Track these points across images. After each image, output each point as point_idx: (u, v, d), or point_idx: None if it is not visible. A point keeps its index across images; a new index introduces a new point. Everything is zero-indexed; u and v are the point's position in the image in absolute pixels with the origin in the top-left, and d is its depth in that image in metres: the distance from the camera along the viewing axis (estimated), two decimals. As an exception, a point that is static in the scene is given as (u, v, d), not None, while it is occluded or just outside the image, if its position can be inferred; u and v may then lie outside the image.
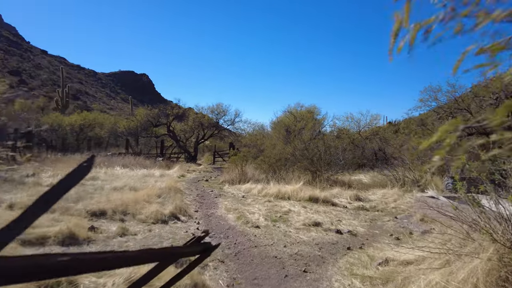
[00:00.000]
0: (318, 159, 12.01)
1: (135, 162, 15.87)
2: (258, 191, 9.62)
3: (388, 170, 12.39)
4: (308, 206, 8.04)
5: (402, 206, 8.52)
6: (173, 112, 22.11)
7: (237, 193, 9.86)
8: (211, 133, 24.47)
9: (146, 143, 23.48)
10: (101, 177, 10.90)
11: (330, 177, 12.34)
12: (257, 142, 14.50)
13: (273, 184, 10.20)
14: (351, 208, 8.26)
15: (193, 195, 9.53)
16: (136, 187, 9.19)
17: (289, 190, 9.15)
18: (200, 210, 7.54)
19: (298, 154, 12.44)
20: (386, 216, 7.51)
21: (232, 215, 6.95)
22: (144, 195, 7.69)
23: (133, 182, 9.97)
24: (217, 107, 23.56)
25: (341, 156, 13.18)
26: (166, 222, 6.22)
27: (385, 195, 9.71)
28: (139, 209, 6.61)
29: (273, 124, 24.39)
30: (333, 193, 9.36)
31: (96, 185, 9.43)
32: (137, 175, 12.21)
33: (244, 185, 10.61)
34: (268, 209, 7.42)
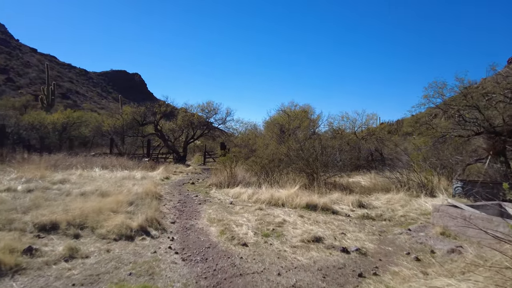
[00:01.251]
0: (314, 160, 10.85)
1: (118, 163, 14.55)
2: (248, 197, 8.42)
3: (391, 172, 11.32)
4: (306, 215, 6.86)
5: (411, 214, 7.39)
6: (161, 110, 20.77)
7: (224, 199, 8.64)
8: (201, 132, 23.17)
9: (133, 142, 22.11)
10: (73, 180, 9.60)
11: (327, 179, 11.24)
12: (248, 141, 13.31)
13: (265, 188, 9.01)
14: (354, 217, 7.10)
15: (174, 201, 8.28)
16: (108, 192, 7.92)
17: (283, 195, 7.97)
18: (179, 221, 6.30)
19: (293, 154, 11.27)
20: (396, 227, 6.37)
21: (216, 227, 5.72)
22: (113, 203, 6.44)
23: (106, 186, 8.70)
24: (207, 105, 22.30)
25: (338, 157, 12.07)
26: (132, 238, 4.98)
27: (390, 201, 8.57)
28: (102, 220, 5.36)
29: (266, 124, 23.25)
30: (332, 198, 8.19)
31: (63, 189, 8.15)
32: (116, 177, 10.93)
33: (233, 189, 9.39)
34: (259, 220, 6.21)
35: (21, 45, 75.71)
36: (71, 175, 10.57)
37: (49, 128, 21.28)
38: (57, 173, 10.48)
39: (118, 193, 7.87)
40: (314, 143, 11.54)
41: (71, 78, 71.51)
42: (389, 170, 16.12)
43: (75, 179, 9.72)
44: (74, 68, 78.49)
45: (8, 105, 26.88)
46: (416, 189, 9.54)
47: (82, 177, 10.60)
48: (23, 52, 71.50)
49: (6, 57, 63.16)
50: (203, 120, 22.72)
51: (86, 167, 12.51)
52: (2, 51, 65.03)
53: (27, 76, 59.76)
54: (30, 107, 31.02)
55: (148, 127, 22.76)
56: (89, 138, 23.50)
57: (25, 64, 64.94)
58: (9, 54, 65.65)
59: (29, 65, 65.30)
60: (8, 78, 54.81)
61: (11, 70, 59.04)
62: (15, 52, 68.64)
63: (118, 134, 21.14)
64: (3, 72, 55.71)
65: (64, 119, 21.70)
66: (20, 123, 20.40)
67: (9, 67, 59.42)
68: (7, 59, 62.41)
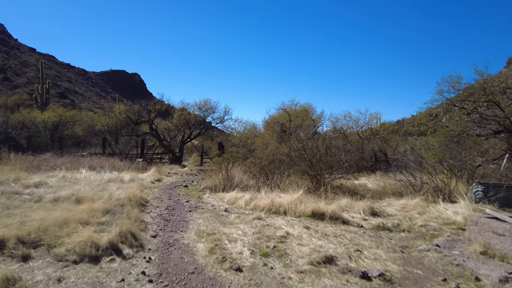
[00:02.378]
0: (318, 161, 9.82)
1: (108, 163, 13.49)
2: (246, 203, 7.35)
3: (398, 173, 10.28)
4: (312, 225, 5.81)
5: (432, 223, 6.35)
6: (156, 108, 19.69)
7: (218, 205, 7.58)
8: (198, 132, 22.09)
9: (127, 142, 21.01)
10: (51, 183, 8.54)
11: (332, 182, 10.24)
12: (247, 141, 12.26)
13: (264, 192, 7.95)
14: (368, 227, 6.05)
15: (161, 208, 7.21)
16: (86, 197, 6.86)
17: (285, 201, 6.91)
18: (162, 233, 5.23)
19: (295, 155, 10.22)
20: (419, 240, 5.33)
21: (205, 244, 4.65)
22: (85, 212, 5.39)
23: (86, 190, 7.65)
24: (205, 103, 21.18)
25: (344, 158, 11.04)
26: (97, 259, 3.92)
27: (405, 207, 7.51)
28: (64, 236, 4.31)
29: (265, 123, 22.21)
30: (341, 205, 7.13)
31: (35, 194, 7.08)
32: (101, 179, 9.87)
33: (229, 193, 8.32)
34: (257, 233, 5.15)
35: (19, 44, 74.59)
36: (51, 177, 9.51)
37: (40, 127, 20.20)
38: (35, 175, 9.42)
39: (98, 199, 6.82)
40: (318, 142, 10.49)
41: (70, 77, 70.42)
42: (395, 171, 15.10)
43: (53, 182, 8.66)
44: (73, 68, 77.37)
45: (0, 103, 25.78)
46: (432, 193, 8.51)
47: (63, 179, 9.55)
48: (21, 52, 70.43)
49: (4, 56, 62.06)
50: (200, 119, 21.65)
51: (71, 168, 11.45)
52: (0, 50, 64.00)
53: (25, 76, 58.75)
54: (23, 106, 29.93)
55: (144, 126, 21.70)
56: (82, 138, 22.41)
57: (23, 64, 63.91)
58: (7, 53, 64.58)
59: (27, 65, 64.27)
60: (5, 77, 53.75)
61: (8, 69, 57.97)
62: (13, 51, 67.53)
63: (111, 134, 20.07)
64: (1, 71, 54.69)
65: (56, 118, 20.60)
66: (9, 122, 19.32)
67: (6, 66, 58.34)
68: (5, 58, 61.32)
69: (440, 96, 10.30)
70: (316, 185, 9.59)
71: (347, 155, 11.32)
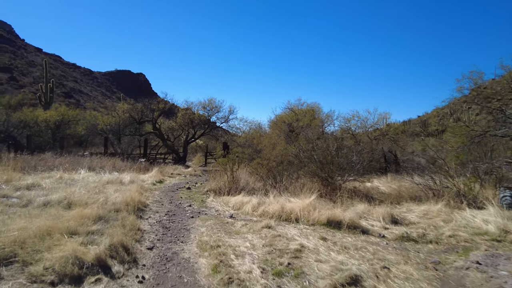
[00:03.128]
0: (329, 163, 9.14)
1: (109, 163, 12.91)
2: (253, 208, 6.68)
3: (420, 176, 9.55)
4: (329, 236, 5.13)
5: (461, 233, 5.62)
6: (159, 107, 19.10)
7: (223, 210, 6.92)
8: (202, 131, 21.46)
9: (130, 142, 20.46)
10: (44, 185, 7.93)
11: (342, 185, 9.57)
12: (253, 141, 11.59)
13: (273, 196, 7.26)
14: (391, 238, 5.36)
15: (160, 213, 6.57)
16: (79, 201, 6.23)
17: (296, 207, 6.23)
18: (159, 245, 4.58)
19: (304, 156, 9.54)
20: (452, 255, 4.63)
21: (207, 259, 3.99)
22: (74, 219, 4.76)
23: (81, 193, 7.03)
24: (209, 102, 20.55)
25: (356, 159, 10.35)
26: (80, 279, 3.28)
27: (427, 214, 6.79)
28: (44, 249, 3.68)
29: (272, 123, 21.52)
30: (358, 211, 6.44)
31: (24, 198, 6.47)
32: (100, 181, 9.26)
33: (235, 197, 7.66)
34: (268, 245, 4.48)
35: (26, 44, 74.73)
36: (47, 179, 8.92)
37: (42, 126, 19.72)
38: (30, 176, 8.83)
39: (92, 203, 6.19)
40: (328, 142, 9.80)
41: (76, 77, 70.31)
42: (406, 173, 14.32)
43: (48, 184, 8.05)
44: (79, 67, 77.31)
45: (3, 102, 25.36)
46: (454, 198, 7.77)
47: (59, 180, 8.94)
48: (28, 52, 70.49)
49: (11, 56, 62.11)
50: (205, 118, 21.03)
51: (70, 169, 10.86)
52: (7, 50, 64.01)
53: (31, 75, 58.67)
54: (28, 105, 29.53)
55: (147, 126, 21.13)
56: (85, 137, 21.89)
57: (30, 63, 63.89)
58: (14, 53, 64.63)
59: (33, 64, 64.22)
60: (11, 77, 53.73)
61: (15, 69, 57.98)
62: (20, 51, 67.60)
63: (114, 133, 19.52)
64: (6, 71, 54.67)
65: (58, 117, 20.10)
66: (11, 120, 18.85)
67: (13, 66, 58.36)
68: (12, 58, 61.37)
69: (460, 93, 9.51)
70: (327, 188, 8.92)
71: (359, 156, 10.64)
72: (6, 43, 67.02)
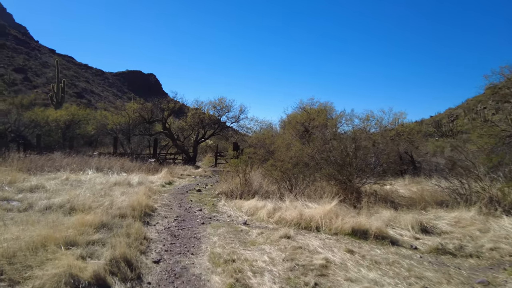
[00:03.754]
0: (347, 164, 8.55)
1: (117, 164, 12.54)
2: (268, 214, 6.14)
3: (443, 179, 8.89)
4: (355, 248, 4.56)
5: (503, 245, 4.98)
6: (169, 106, 18.71)
7: (236, 216, 6.39)
8: (212, 131, 21.01)
9: (140, 142, 20.17)
10: (49, 187, 7.53)
11: (361, 188, 8.98)
12: (265, 141, 11.06)
13: (289, 201, 6.71)
14: (424, 250, 4.76)
15: (169, 219, 6.08)
16: (82, 205, 5.80)
17: (316, 214, 5.66)
18: (167, 257, 4.08)
19: (320, 157, 8.96)
20: (500, 273, 4.02)
21: (221, 276, 3.47)
22: (73, 226, 4.31)
23: (86, 197, 6.60)
24: (219, 102, 20.08)
25: (375, 160, 9.74)
26: (74, 302, 2.81)
27: (459, 222, 6.14)
28: (35, 264, 3.21)
29: (283, 122, 20.94)
30: (383, 218, 5.85)
31: (26, 201, 6.07)
32: (107, 182, 8.85)
33: (248, 201, 7.12)
34: (289, 259, 3.95)
35: (40, 46, 75.75)
36: (52, 180, 8.55)
37: (52, 126, 19.55)
38: (35, 177, 8.47)
39: (96, 207, 5.75)
40: (345, 143, 9.21)
41: (87, 78, 70.88)
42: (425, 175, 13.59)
43: (52, 186, 7.65)
44: (91, 68, 77.97)
45: (16, 102, 25.37)
46: (487, 204, 7.09)
47: (65, 182, 8.56)
48: (42, 53, 71.40)
49: (25, 57, 62.99)
50: (215, 118, 20.58)
51: (77, 169, 10.51)
52: (21, 51, 64.95)
53: (44, 76, 59.31)
54: (40, 105, 29.55)
55: (157, 126, 20.78)
56: (95, 137, 21.68)
57: (43, 64, 64.65)
58: (28, 54, 65.52)
59: (47, 65, 64.93)
60: (25, 77, 54.41)
61: (29, 70, 58.73)
62: (34, 52, 68.54)
63: (124, 133, 19.22)
64: (21, 72, 55.40)
65: (68, 116, 19.91)
66: (21, 120, 18.71)
67: (27, 67, 59.12)
68: (26, 59, 62.22)
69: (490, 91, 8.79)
70: (346, 191, 8.33)
71: (378, 157, 10.02)
72: (21, 45, 68.06)
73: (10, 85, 47.68)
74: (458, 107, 48.19)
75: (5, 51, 62.07)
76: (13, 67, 55.19)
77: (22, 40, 71.31)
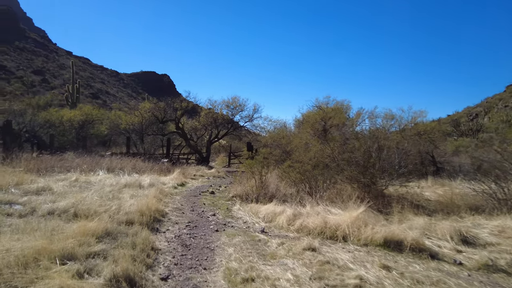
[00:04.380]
0: (371, 165, 7.92)
1: (129, 164, 12.19)
2: (288, 220, 5.57)
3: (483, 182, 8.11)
4: (391, 262, 3.94)
5: None
6: (182, 106, 18.33)
7: (252, 222, 5.83)
8: (225, 131, 20.54)
9: (153, 142, 19.88)
10: (56, 189, 7.16)
11: (384, 190, 8.37)
12: (281, 141, 10.46)
13: (310, 206, 6.12)
14: (471, 266, 4.10)
15: (180, 225, 5.58)
16: (88, 210, 5.36)
17: (342, 221, 5.05)
18: (176, 273, 3.56)
19: (341, 158, 8.33)
20: None
21: (238, 300, 2.95)
22: (74, 235, 3.85)
23: (93, 200, 6.18)
24: (233, 101, 19.59)
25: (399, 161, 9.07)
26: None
27: (503, 231, 5.41)
28: (23, 285, 2.74)
29: (297, 122, 20.29)
30: (416, 226, 5.19)
31: (30, 204, 5.69)
32: (117, 183, 8.45)
33: (265, 206, 6.55)
34: (316, 278, 3.36)
35: (58, 48, 77.20)
36: (61, 181, 8.20)
37: (66, 126, 19.47)
38: (43, 179, 8.14)
39: (102, 212, 5.31)
40: (368, 142, 8.56)
41: (103, 79, 71.78)
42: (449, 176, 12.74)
43: (60, 188, 7.28)
44: (106, 69, 79.01)
45: (32, 103, 25.53)
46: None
47: (74, 183, 8.21)
48: (59, 55, 72.77)
49: (44, 60, 64.34)
50: (228, 117, 20.10)
51: (88, 170, 10.18)
52: (40, 54, 66.39)
53: (61, 77, 60.26)
54: (56, 105, 29.77)
55: (170, 125, 20.45)
56: (108, 137, 21.53)
57: (60, 66, 65.84)
58: (46, 57, 66.91)
59: (64, 67, 66.08)
60: (43, 79, 55.42)
61: (47, 71, 59.85)
62: (52, 55, 69.94)
63: (136, 133, 18.95)
64: (39, 74, 56.51)
65: (82, 116, 19.79)
66: (36, 120, 18.67)
67: (45, 69, 60.29)
68: (44, 62, 63.55)
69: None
70: (369, 195, 7.68)
71: (403, 157, 9.33)
72: (40, 47, 69.57)
73: (29, 87, 48.58)
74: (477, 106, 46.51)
75: (25, 54, 63.59)
76: (32, 69, 56.37)
77: (41, 43, 72.81)
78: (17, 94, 41.53)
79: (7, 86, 45.71)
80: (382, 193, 8.42)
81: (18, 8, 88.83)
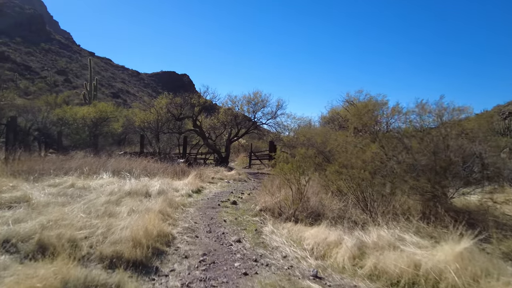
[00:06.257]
0: (443, 171, 5.97)
1: (140, 165, 10.58)
2: (351, 258, 3.66)
3: None
4: None
5: None
6: (200, 102, 16.65)
7: (295, 258, 3.91)
8: (245, 129, 18.71)
9: (169, 140, 18.35)
10: (34, 200, 5.49)
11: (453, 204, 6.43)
12: (316, 139, 8.59)
13: (375, 230, 4.18)
14: None
15: (191, 261, 3.75)
16: (61, 236, 3.65)
17: (441, 262, 3.12)
18: None
19: (401, 159, 6.35)
20: None
21: None
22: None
23: (77, 217, 4.49)
24: (254, 96, 17.70)
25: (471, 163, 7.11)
26: None
27: None
28: None
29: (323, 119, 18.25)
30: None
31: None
32: (118, 191, 6.75)
33: (309, 229, 4.63)
34: None
35: (81, 49, 77.90)
36: (53, 187, 6.61)
37: (79, 123, 18.20)
38: (28, 184, 6.53)
39: (83, 238, 3.59)
40: (436, 142, 6.58)
41: (124, 79, 71.75)
42: None
43: (43, 197, 5.63)
44: (127, 69, 79.08)
45: (50, 100, 24.56)
46: None
47: (66, 191, 6.58)
48: (82, 56, 73.25)
49: (67, 60, 64.99)
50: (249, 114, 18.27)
51: (89, 173, 8.61)
52: (64, 55, 67.14)
53: (83, 77, 60.40)
54: (73, 103, 28.86)
55: (187, 123, 18.86)
56: (123, 135, 20.18)
57: (83, 67, 66.21)
58: (70, 57, 67.57)
59: (86, 67, 66.26)
60: (66, 79, 55.75)
61: (70, 72, 60.26)
62: (75, 55, 70.55)
63: (152, 131, 17.45)
64: (62, 74, 56.92)
65: (96, 114, 18.47)
66: (49, 117, 17.48)
67: (68, 69, 60.76)
68: (68, 62, 64.16)
69: None
70: (435, 209, 5.69)
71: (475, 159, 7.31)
72: (64, 49, 70.42)
73: (52, 86, 48.72)
74: (508, 104, 42.92)
75: (50, 54, 64.43)
76: (55, 69, 56.79)
77: (65, 44, 73.63)
78: (40, 94, 41.43)
79: (31, 86, 45.84)
80: (453, 207, 6.45)
81: (45, 12, 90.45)
